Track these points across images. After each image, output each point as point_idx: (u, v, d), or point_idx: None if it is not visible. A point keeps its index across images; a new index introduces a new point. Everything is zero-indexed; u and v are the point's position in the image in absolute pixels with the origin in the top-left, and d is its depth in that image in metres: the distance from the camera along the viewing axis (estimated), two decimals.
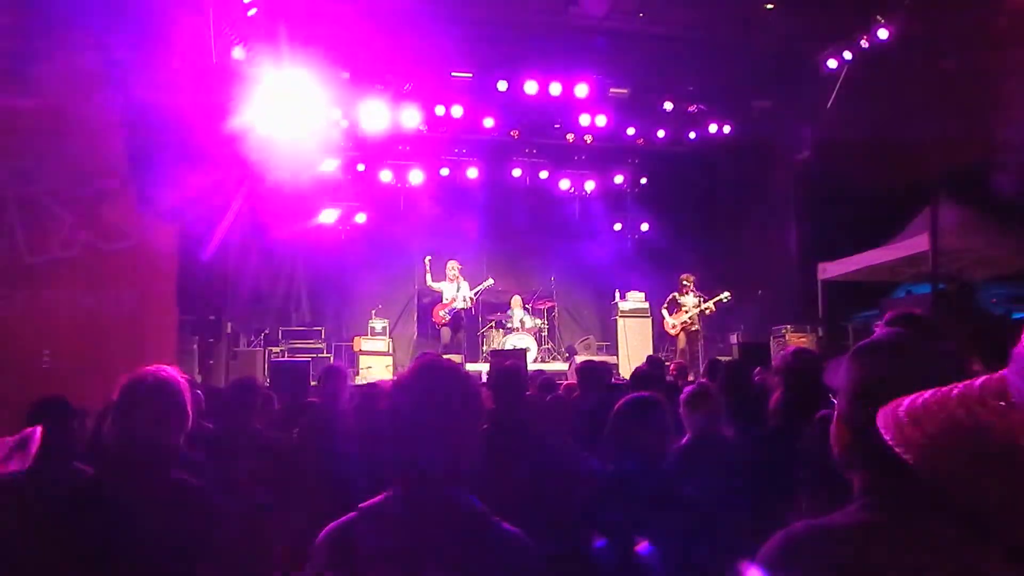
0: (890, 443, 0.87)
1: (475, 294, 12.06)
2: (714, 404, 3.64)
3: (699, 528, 2.35)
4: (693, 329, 11.69)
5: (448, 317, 11.74)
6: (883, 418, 0.93)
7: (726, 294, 11.67)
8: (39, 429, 1.17)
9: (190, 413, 2.30)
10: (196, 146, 9.21)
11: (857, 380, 1.22)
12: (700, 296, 11.68)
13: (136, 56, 6.83)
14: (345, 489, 2.58)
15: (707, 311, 11.65)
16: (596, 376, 5.33)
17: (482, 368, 9.94)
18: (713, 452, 3.10)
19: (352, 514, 1.55)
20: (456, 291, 11.79)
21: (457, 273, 11.91)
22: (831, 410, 2.36)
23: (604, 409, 3.03)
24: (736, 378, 4.06)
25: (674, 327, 11.77)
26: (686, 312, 11.67)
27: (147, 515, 1.93)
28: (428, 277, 12.12)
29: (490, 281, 12.25)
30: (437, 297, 12.21)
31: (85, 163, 6.69)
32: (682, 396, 3.81)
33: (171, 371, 2.30)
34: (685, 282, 11.80)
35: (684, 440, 3.55)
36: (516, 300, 12.95)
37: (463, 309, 11.82)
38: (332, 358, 11.47)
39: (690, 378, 10.05)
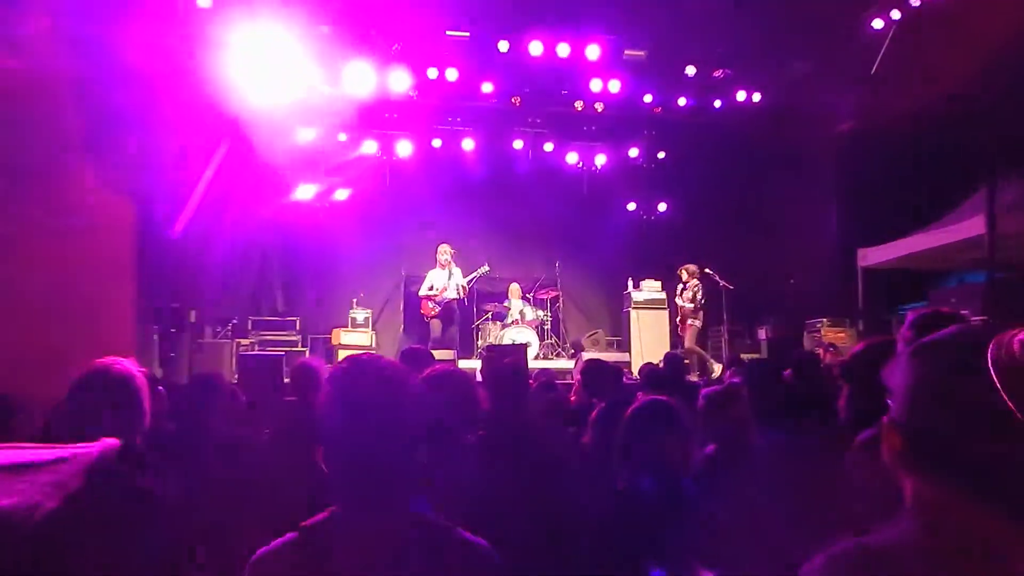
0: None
1: (469, 282, 12.04)
2: (743, 408, 3.63)
3: (725, 551, 2.34)
4: (692, 324, 11.69)
5: (438, 308, 11.73)
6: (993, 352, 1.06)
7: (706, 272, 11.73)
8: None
9: (147, 411, 2.30)
10: (159, 114, 9.18)
11: (916, 382, 1.21)
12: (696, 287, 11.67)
13: (92, 11, 6.78)
14: (324, 502, 2.57)
15: (700, 300, 11.61)
16: (604, 378, 5.26)
17: (475, 365, 9.93)
18: (743, 463, 3.08)
19: (291, 535, 1.56)
20: (448, 279, 11.76)
21: (449, 258, 11.87)
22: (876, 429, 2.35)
23: (614, 415, 3.02)
24: (762, 377, 4.03)
25: (680, 327, 11.90)
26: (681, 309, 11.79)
27: (104, 532, 1.92)
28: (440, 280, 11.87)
29: (486, 267, 12.23)
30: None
31: (35, 133, 6.65)
32: (703, 399, 3.79)
33: (127, 364, 2.31)
34: (682, 274, 11.82)
35: (708, 450, 3.54)
36: (515, 289, 12.94)
37: (455, 299, 11.80)
38: (307, 352, 11.47)
39: (692, 378, 10.13)
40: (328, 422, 1.60)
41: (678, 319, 11.91)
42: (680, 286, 12.01)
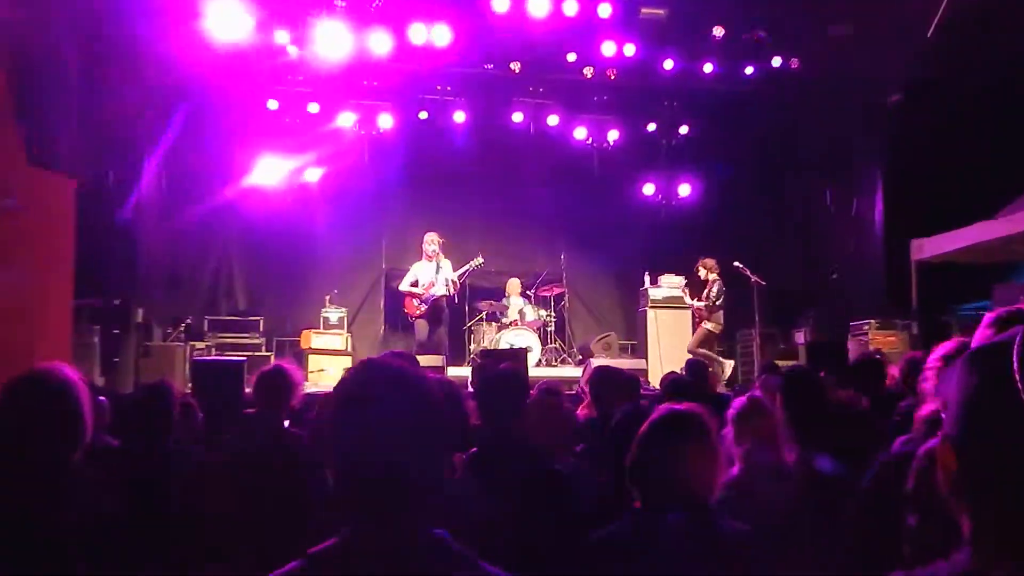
0: None
1: (460, 276, 12.03)
2: (770, 424, 3.64)
3: None
4: (703, 327, 11.70)
5: (424, 307, 11.72)
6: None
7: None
8: None
9: (88, 426, 2.31)
10: (100, 79, 9.15)
11: (971, 394, 1.20)
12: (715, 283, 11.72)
13: None
14: (298, 530, 2.57)
15: (714, 300, 11.64)
16: (617, 389, 5.26)
17: (467, 373, 9.94)
18: (773, 488, 3.09)
19: (296, 563, 1.56)
20: (435, 273, 11.75)
21: (437, 249, 11.86)
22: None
23: (629, 429, 3.03)
24: (799, 388, 4.04)
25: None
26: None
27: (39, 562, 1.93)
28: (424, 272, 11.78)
29: (480, 260, 12.22)
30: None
31: None
32: (729, 413, 3.81)
33: (67, 371, 2.31)
34: (699, 271, 11.87)
35: (733, 472, 3.55)
36: (514, 285, 12.93)
37: (444, 296, 11.80)
38: (273, 357, 11.46)
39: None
40: (340, 433, 1.59)
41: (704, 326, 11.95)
42: (682, 279, 12.02)
